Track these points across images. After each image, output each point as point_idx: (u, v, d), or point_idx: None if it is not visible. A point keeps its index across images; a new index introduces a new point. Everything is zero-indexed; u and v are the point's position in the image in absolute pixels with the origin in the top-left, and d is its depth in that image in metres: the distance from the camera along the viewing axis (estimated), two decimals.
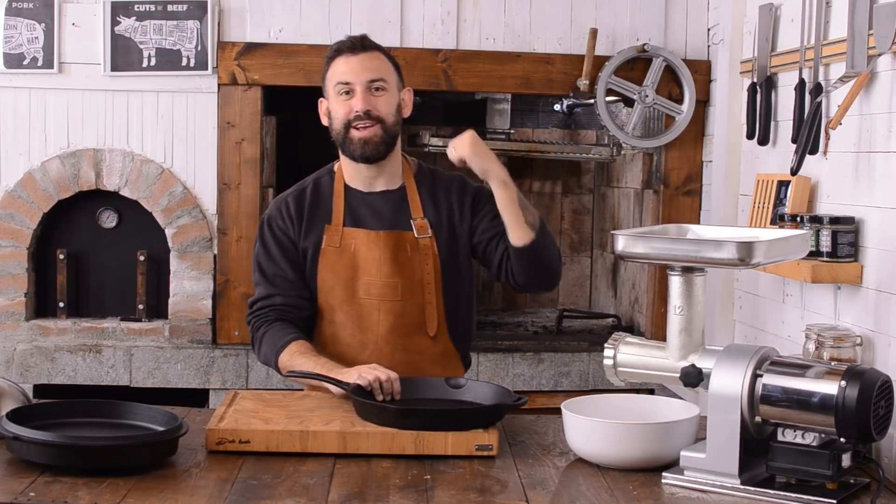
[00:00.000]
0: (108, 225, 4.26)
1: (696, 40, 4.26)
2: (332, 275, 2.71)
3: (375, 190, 2.75)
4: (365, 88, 2.66)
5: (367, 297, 2.69)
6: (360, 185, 2.76)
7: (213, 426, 2.28)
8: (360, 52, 2.69)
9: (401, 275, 2.69)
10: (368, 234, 2.70)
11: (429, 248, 2.72)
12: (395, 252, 2.69)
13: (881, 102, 2.72)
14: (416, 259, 2.71)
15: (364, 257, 2.69)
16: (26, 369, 4.05)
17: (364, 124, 2.65)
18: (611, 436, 2.20)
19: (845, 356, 2.58)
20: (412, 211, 2.74)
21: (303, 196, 2.77)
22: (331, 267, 2.71)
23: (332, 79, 2.70)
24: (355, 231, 2.71)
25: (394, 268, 2.69)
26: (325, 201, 2.75)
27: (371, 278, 2.69)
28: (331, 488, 2.07)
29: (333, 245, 2.71)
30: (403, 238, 2.71)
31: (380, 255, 2.69)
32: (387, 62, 2.72)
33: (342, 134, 2.68)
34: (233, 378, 4.10)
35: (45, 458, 2.10)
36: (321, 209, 2.75)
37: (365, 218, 2.73)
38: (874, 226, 2.75)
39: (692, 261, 2.20)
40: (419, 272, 2.70)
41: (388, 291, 2.69)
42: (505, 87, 4.26)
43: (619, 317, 4.71)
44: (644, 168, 4.52)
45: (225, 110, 4.12)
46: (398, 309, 2.69)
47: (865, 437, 2.04)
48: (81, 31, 4.07)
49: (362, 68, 2.67)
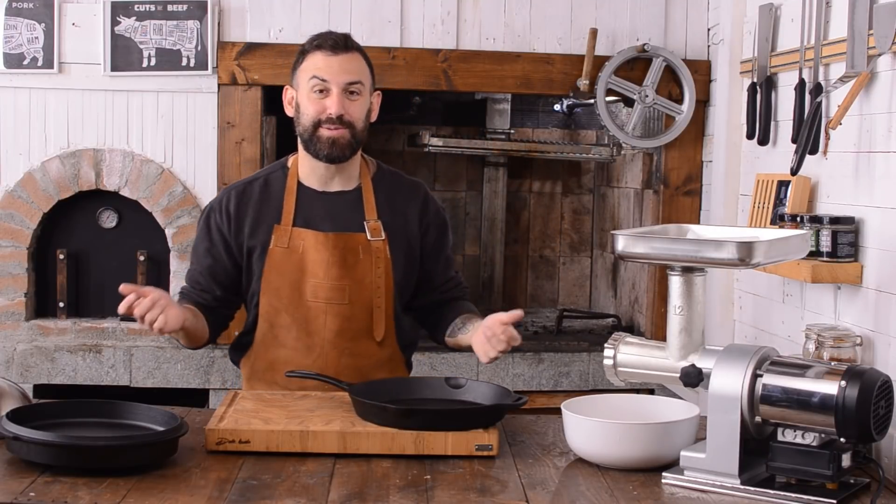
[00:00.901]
0: (108, 225, 4.25)
1: (696, 40, 4.26)
2: (279, 276, 2.67)
3: (330, 190, 2.71)
4: (341, 91, 2.61)
5: (315, 300, 2.65)
6: (314, 184, 2.71)
7: (213, 426, 2.28)
8: (341, 53, 2.63)
9: (350, 277, 2.65)
10: (317, 236, 2.66)
11: (381, 251, 2.68)
12: (344, 254, 2.65)
13: (881, 102, 2.72)
14: (367, 262, 2.67)
15: (312, 259, 2.65)
16: (26, 369, 4.05)
17: (334, 126, 2.61)
18: (611, 436, 2.20)
19: (845, 356, 2.58)
20: (366, 213, 2.70)
21: (249, 191, 2.72)
22: (278, 268, 2.67)
23: (307, 71, 2.64)
24: (305, 232, 2.66)
25: (342, 270, 2.65)
26: (274, 199, 2.70)
27: (318, 281, 2.65)
28: (331, 488, 2.07)
29: (282, 245, 2.66)
30: (355, 240, 2.67)
31: (328, 257, 2.64)
32: (365, 65, 2.68)
33: (309, 131, 2.63)
34: (233, 378, 4.10)
35: (45, 458, 2.10)
36: (270, 207, 2.70)
37: (316, 218, 2.68)
38: (874, 226, 2.75)
39: (692, 261, 2.20)
40: (369, 275, 2.67)
41: (335, 294, 2.65)
42: (505, 87, 4.26)
43: (619, 317, 4.71)
44: (644, 168, 4.53)
45: (225, 110, 4.12)
46: (346, 313, 2.66)
47: (865, 437, 2.04)
48: (81, 31, 4.07)
49: (341, 69, 2.61)
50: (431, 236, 2.78)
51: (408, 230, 2.73)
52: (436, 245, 2.79)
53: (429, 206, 2.79)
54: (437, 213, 2.81)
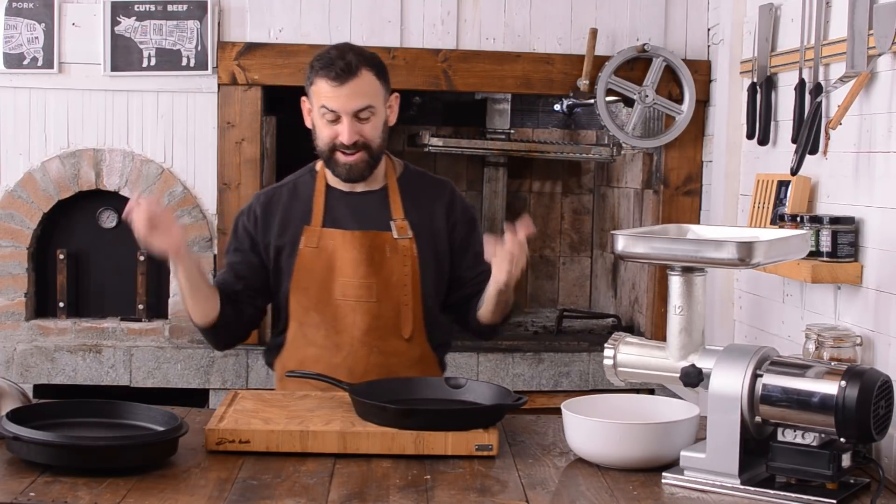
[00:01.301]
0: (108, 225, 4.26)
1: (696, 40, 4.26)
2: (309, 276, 2.68)
3: (356, 190, 2.73)
4: (351, 119, 2.59)
5: (343, 298, 2.67)
6: (342, 185, 2.73)
7: (213, 426, 2.28)
8: (346, 81, 2.57)
9: (377, 276, 2.67)
10: (345, 235, 2.67)
11: (408, 249, 2.69)
12: (371, 252, 2.67)
13: (881, 102, 2.72)
14: (394, 260, 2.68)
15: (341, 258, 2.67)
16: (26, 369, 4.05)
17: (350, 152, 2.62)
18: (611, 436, 2.20)
19: (845, 356, 2.58)
20: (393, 211, 2.71)
21: (277, 195, 2.75)
22: (307, 268, 2.68)
23: (317, 97, 2.62)
24: (333, 231, 2.68)
25: (370, 268, 2.66)
26: (303, 201, 2.73)
27: (347, 279, 2.66)
28: (331, 488, 2.07)
29: (311, 245, 2.68)
30: (381, 238, 2.68)
31: (356, 255, 2.66)
32: (374, 81, 2.61)
33: (326, 154, 2.66)
34: (233, 378, 4.10)
35: (45, 458, 2.10)
36: (299, 209, 2.72)
37: (344, 218, 2.70)
38: (874, 226, 2.75)
39: (692, 261, 2.20)
40: (397, 273, 2.68)
41: (363, 293, 2.66)
42: (505, 87, 4.26)
43: (619, 317, 4.71)
44: (644, 168, 4.53)
45: (225, 110, 4.12)
46: (374, 310, 2.67)
47: (865, 437, 2.04)
48: (81, 31, 4.08)
49: (349, 98, 2.58)
50: (459, 233, 2.78)
51: (434, 228, 2.74)
52: (463, 242, 2.78)
53: (455, 204, 2.79)
54: (465, 210, 2.81)
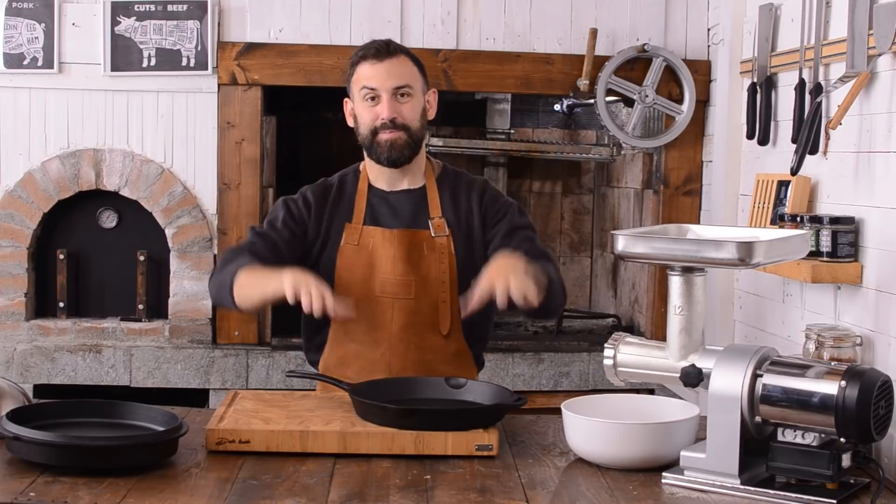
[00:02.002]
0: (108, 225, 4.26)
1: (696, 40, 4.26)
2: (349, 273, 2.72)
3: (397, 189, 2.77)
4: (391, 95, 2.66)
5: (382, 294, 2.70)
6: (383, 185, 2.78)
7: (213, 426, 2.28)
8: (385, 59, 2.68)
9: (415, 273, 2.70)
10: (384, 232, 2.72)
11: (445, 247, 2.72)
12: (409, 250, 2.70)
13: (881, 102, 2.72)
14: (432, 258, 2.71)
15: (380, 255, 2.71)
16: (26, 369, 4.04)
17: (390, 130, 2.67)
18: (611, 436, 2.20)
19: (845, 356, 2.59)
20: (430, 210, 2.75)
21: (327, 189, 2.79)
22: (349, 265, 2.72)
23: (358, 83, 2.70)
24: (373, 229, 2.73)
25: (408, 266, 2.70)
26: (347, 199, 2.77)
27: (386, 276, 2.70)
28: (331, 488, 2.07)
29: (352, 243, 2.72)
30: (419, 236, 2.72)
31: (395, 252, 2.70)
32: (412, 66, 2.72)
33: (369, 139, 2.70)
34: (233, 378, 4.10)
35: (45, 458, 2.10)
36: (343, 206, 2.77)
37: (384, 216, 2.75)
38: (874, 226, 2.75)
39: (692, 261, 2.20)
40: (434, 271, 2.71)
41: (401, 289, 2.69)
42: (505, 87, 4.26)
43: (619, 317, 4.71)
44: (644, 168, 4.52)
45: (225, 110, 4.12)
46: (411, 307, 2.69)
47: (865, 437, 2.04)
48: (81, 31, 4.07)
49: (388, 75, 2.67)
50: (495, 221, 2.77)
51: (471, 225, 2.77)
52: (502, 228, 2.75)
53: (485, 198, 2.79)
54: (495, 200, 2.79)
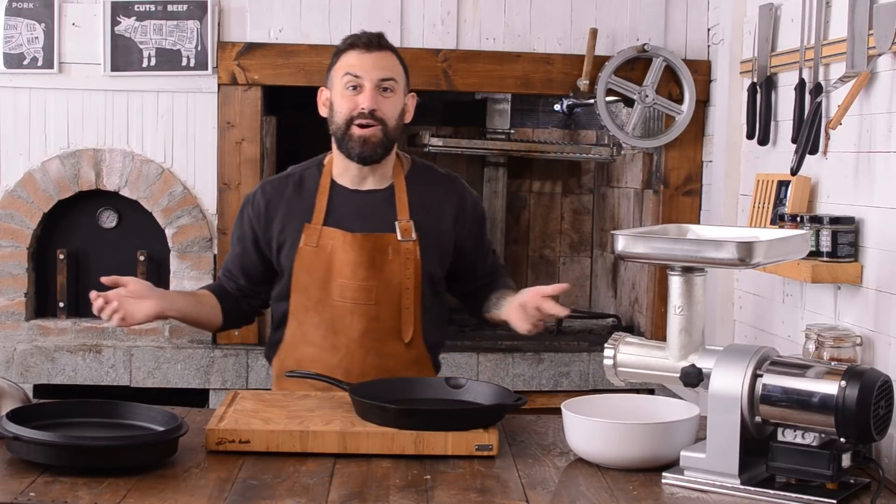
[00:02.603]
0: (108, 225, 4.25)
1: (696, 40, 4.26)
2: (308, 275, 2.68)
3: (362, 188, 2.71)
4: (374, 86, 2.62)
5: (342, 300, 2.66)
6: (347, 182, 2.71)
7: (213, 426, 2.28)
8: (374, 51, 2.65)
9: (377, 278, 2.65)
10: (345, 236, 2.66)
11: (411, 252, 2.67)
12: (372, 255, 2.65)
13: (881, 102, 2.72)
14: (396, 262, 2.66)
15: (340, 259, 2.65)
16: (26, 369, 4.05)
17: (367, 122, 2.61)
18: (611, 436, 2.20)
19: (845, 356, 2.58)
20: (398, 212, 2.69)
21: (284, 186, 2.74)
22: (307, 267, 2.67)
23: (341, 69, 2.65)
24: (334, 231, 2.67)
25: (370, 271, 2.65)
26: (307, 196, 2.71)
27: (345, 281, 2.65)
28: (331, 488, 2.07)
29: (311, 245, 2.67)
30: (384, 241, 2.67)
31: (356, 257, 2.64)
32: (399, 65, 2.70)
33: (342, 129, 2.64)
34: (233, 378, 4.10)
35: (45, 458, 2.10)
36: (302, 204, 2.71)
37: (346, 218, 2.68)
38: (874, 226, 2.75)
39: (692, 261, 2.20)
40: (398, 276, 2.66)
41: (362, 295, 2.65)
42: (505, 87, 4.26)
43: (619, 317, 4.71)
44: (644, 168, 4.53)
45: (225, 110, 4.12)
46: (372, 313, 2.66)
47: (865, 437, 2.04)
48: (81, 31, 4.07)
49: (374, 66, 2.64)
50: (472, 231, 2.78)
51: (441, 228, 2.73)
52: (475, 239, 2.79)
53: (465, 204, 2.78)
54: (475, 207, 2.81)
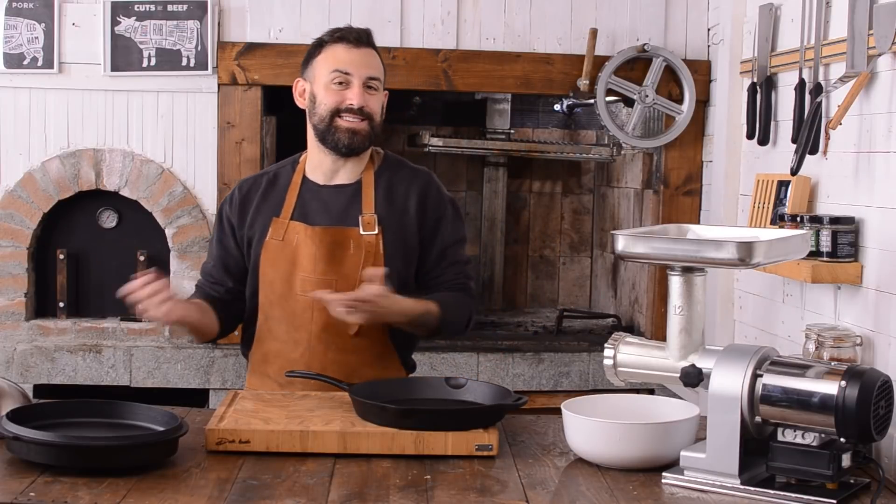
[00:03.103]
0: (108, 225, 4.26)
1: (696, 40, 4.26)
2: (273, 269, 2.68)
3: (331, 183, 2.72)
4: (362, 83, 2.64)
5: (303, 293, 2.66)
6: (318, 178, 2.73)
7: (213, 426, 2.28)
8: (363, 47, 2.67)
9: (337, 272, 2.65)
10: (307, 229, 2.66)
11: (373, 245, 2.66)
12: (332, 248, 2.65)
13: (881, 102, 2.72)
14: (357, 256, 2.66)
15: (302, 252, 2.66)
16: (26, 369, 4.05)
17: (355, 117, 2.63)
18: (611, 436, 2.20)
19: (845, 356, 2.58)
20: (363, 206, 2.69)
21: (258, 183, 2.77)
22: (272, 261, 2.68)
23: (328, 64, 2.65)
24: (298, 225, 2.68)
25: (330, 265, 2.65)
26: (278, 192, 2.73)
27: (306, 274, 2.65)
28: (331, 488, 2.07)
29: (276, 238, 2.68)
30: (346, 234, 2.67)
31: (316, 250, 2.65)
32: (381, 63, 2.73)
33: (326, 122, 2.65)
34: (233, 378, 4.10)
35: (45, 458, 2.10)
36: (272, 200, 2.72)
37: (313, 211, 2.69)
38: (874, 226, 2.75)
39: (692, 261, 2.20)
40: (357, 270, 2.64)
41: (321, 288, 2.61)
42: (505, 87, 4.26)
43: (619, 317, 4.71)
44: (644, 168, 4.53)
45: (225, 110, 4.12)
46: None
47: (865, 437, 2.04)
48: (81, 31, 4.07)
49: (363, 63, 2.65)
50: (427, 227, 2.75)
51: (405, 221, 2.72)
52: (429, 236, 2.75)
53: (428, 197, 2.76)
54: (437, 203, 2.77)
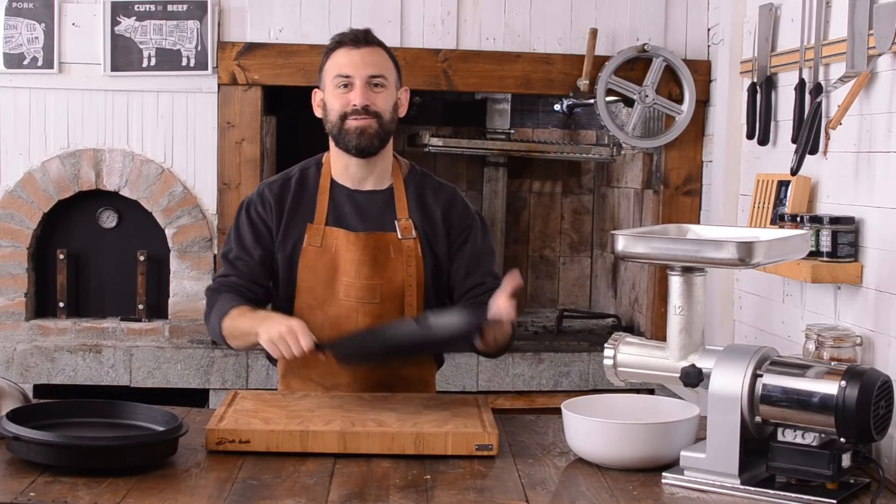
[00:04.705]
0: (108, 225, 4.25)
1: (696, 40, 4.26)
2: (312, 275, 2.68)
3: (363, 189, 2.73)
4: (364, 83, 2.64)
5: (346, 299, 2.67)
6: (347, 182, 2.72)
7: (213, 426, 2.28)
8: (362, 47, 2.67)
9: (381, 277, 2.67)
10: (349, 235, 2.67)
11: (412, 249, 2.69)
12: (375, 254, 2.67)
13: (881, 102, 2.72)
14: (399, 261, 2.68)
15: (344, 258, 2.67)
16: (26, 369, 4.05)
17: (361, 117, 2.63)
18: (611, 436, 2.20)
19: (845, 356, 2.59)
20: (398, 211, 2.71)
21: (287, 186, 2.74)
22: (311, 267, 2.68)
23: (331, 70, 2.67)
24: (337, 231, 2.68)
25: (374, 270, 2.66)
26: (309, 196, 2.72)
27: (350, 280, 2.66)
28: (331, 488, 2.07)
29: (315, 244, 2.68)
30: (385, 239, 2.68)
31: (359, 256, 2.66)
32: (388, 59, 2.71)
33: (337, 125, 2.65)
34: (233, 378, 4.10)
35: (45, 458, 2.10)
36: (304, 204, 2.72)
37: (348, 217, 2.70)
38: (874, 226, 2.75)
39: (692, 261, 2.20)
40: (401, 274, 2.68)
41: (366, 294, 2.65)
42: (505, 87, 4.26)
43: (619, 317, 4.71)
44: (644, 168, 4.53)
45: (225, 110, 4.12)
46: (377, 311, 2.67)
47: (865, 437, 2.04)
48: (81, 31, 4.07)
49: (363, 63, 2.65)
50: (454, 240, 2.76)
51: (436, 231, 2.73)
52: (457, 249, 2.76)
53: (454, 209, 2.77)
54: (463, 216, 2.78)
